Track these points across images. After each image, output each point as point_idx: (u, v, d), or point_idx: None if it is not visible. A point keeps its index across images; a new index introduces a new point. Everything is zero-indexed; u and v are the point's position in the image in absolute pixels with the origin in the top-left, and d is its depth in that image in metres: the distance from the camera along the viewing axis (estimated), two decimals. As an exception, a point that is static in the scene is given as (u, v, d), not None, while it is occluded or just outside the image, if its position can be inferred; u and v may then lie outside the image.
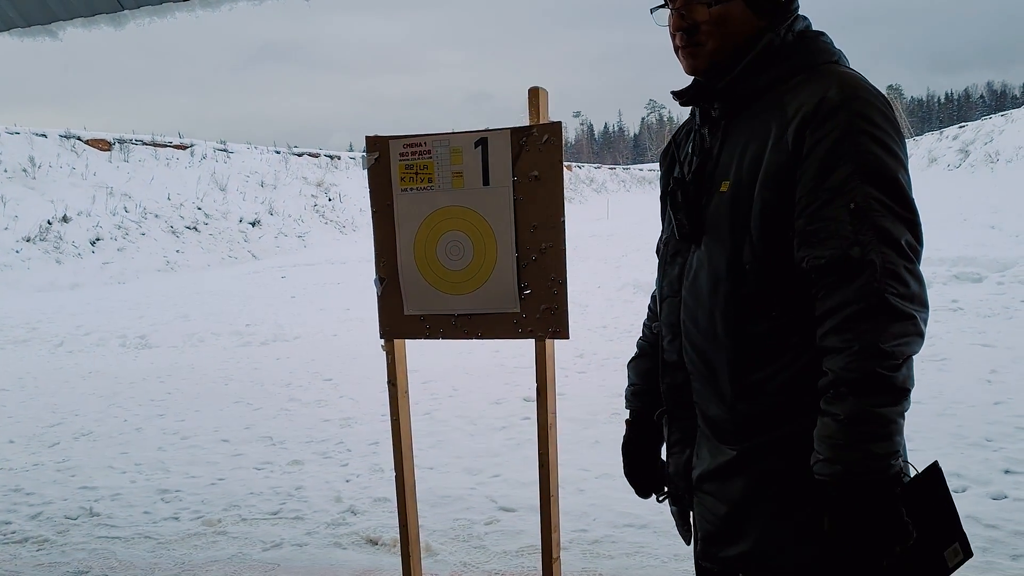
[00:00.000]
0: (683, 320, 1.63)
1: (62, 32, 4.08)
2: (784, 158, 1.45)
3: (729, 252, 1.52)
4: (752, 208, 1.48)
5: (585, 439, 5.17)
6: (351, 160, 36.32)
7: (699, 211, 1.59)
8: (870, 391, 1.34)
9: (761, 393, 1.52)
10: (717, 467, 1.60)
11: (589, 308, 10.40)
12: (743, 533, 1.56)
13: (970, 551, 1.50)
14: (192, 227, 25.19)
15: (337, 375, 7.88)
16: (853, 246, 1.37)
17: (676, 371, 1.68)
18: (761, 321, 1.50)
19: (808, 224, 1.42)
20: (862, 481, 1.35)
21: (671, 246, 1.69)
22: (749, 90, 1.55)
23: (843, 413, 1.35)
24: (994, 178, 32.59)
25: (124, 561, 3.78)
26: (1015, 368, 6.28)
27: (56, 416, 6.81)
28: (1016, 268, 10.27)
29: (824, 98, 1.43)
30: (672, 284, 1.67)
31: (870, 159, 1.40)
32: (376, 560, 3.67)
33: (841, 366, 1.36)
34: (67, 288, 18.42)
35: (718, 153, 1.58)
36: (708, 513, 1.63)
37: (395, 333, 2.53)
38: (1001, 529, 3.49)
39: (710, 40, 1.56)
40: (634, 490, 1.95)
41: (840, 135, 1.41)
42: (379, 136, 2.46)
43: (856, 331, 1.35)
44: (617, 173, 64.82)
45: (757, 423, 1.53)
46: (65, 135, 26.12)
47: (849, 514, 1.36)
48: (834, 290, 1.39)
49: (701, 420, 1.65)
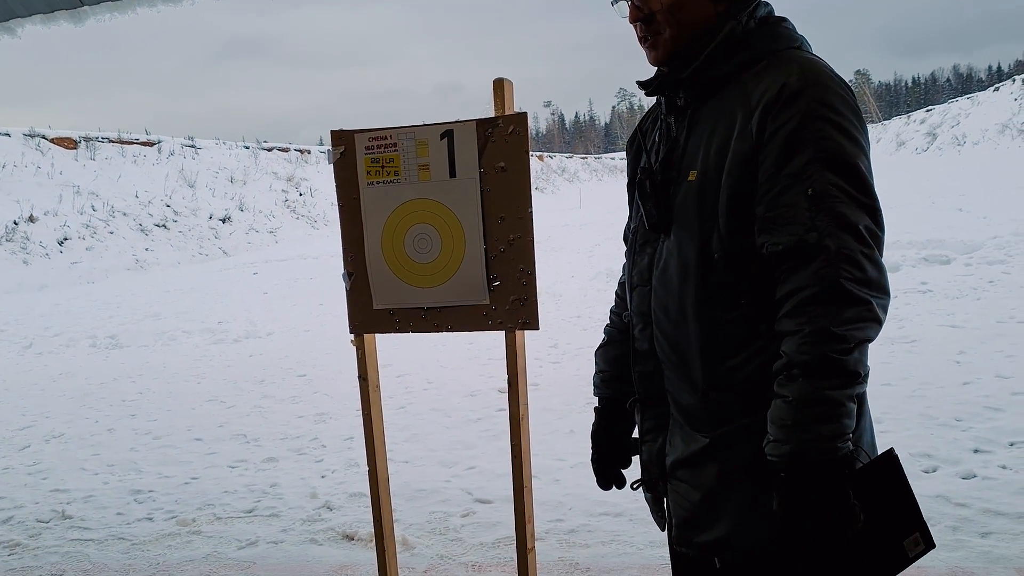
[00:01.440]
0: (653, 309, 1.64)
1: (21, 29, 4.02)
2: (748, 146, 1.46)
3: (698, 241, 1.52)
4: (719, 197, 1.49)
5: (560, 429, 5.18)
6: (321, 154, 36.09)
7: (667, 201, 1.59)
8: (820, 373, 1.35)
9: (732, 381, 1.53)
10: (690, 454, 1.61)
11: (563, 298, 10.42)
12: (717, 518, 1.57)
13: (932, 542, 1.49)
14: (161, 225, 24.92)
15: (311, 371, 7.84)
16: (810, 231, 1.38)
17: (647, 360, 1.69)
18: (730, 309, 1.51)
19: (767, 211, 1.43)
20: (809, 462, 1.36)
21: (640, 235, 1.69)
22: (713, 78, 1.55)
23: (792, 395, 1.37)
24: (961, 161, 33.00)
25: (98, 563, 3.74)
26: (983, 349, 6.37)
27: (26, 419, 6.72)
28: (984, 250, 10.41)
29: (785, 84, 1.44)
30: (642, 273, 1.67)
31: (829, 145, 1.40)
32: (352, 555, 3.66)
33: (793, 349, 1.38)
34: (35, 289, 18.17)
35: (685, 142, 1.59)
36: (682, 499, 1.64)
37: (365, 328, 2.52)
38: (970, 507, 3.54)
39: (667, 28, 1.56)
40: (598, 481, 1.97)
41: (800, 121, 1.41)
42: (344, 130, 2.44)
43: (809, 315, 1.37)
44: (589, 162, 64.86)
45: (728, 410, 1.54)
46: (29, 134, 25.73)
47: (797, 494, 1.38)
48: (791, 275, 1.40)
49: (674, 408, 1.66)
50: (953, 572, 3.05)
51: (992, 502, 3.60)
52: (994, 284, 8.90)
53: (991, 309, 7.79)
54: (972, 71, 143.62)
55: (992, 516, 3.48)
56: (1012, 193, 16.17)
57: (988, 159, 30.88)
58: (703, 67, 1.55)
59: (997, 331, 6.92)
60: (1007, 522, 3.42)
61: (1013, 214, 12.83)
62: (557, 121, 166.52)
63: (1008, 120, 38.77)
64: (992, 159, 30.69)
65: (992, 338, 6.67)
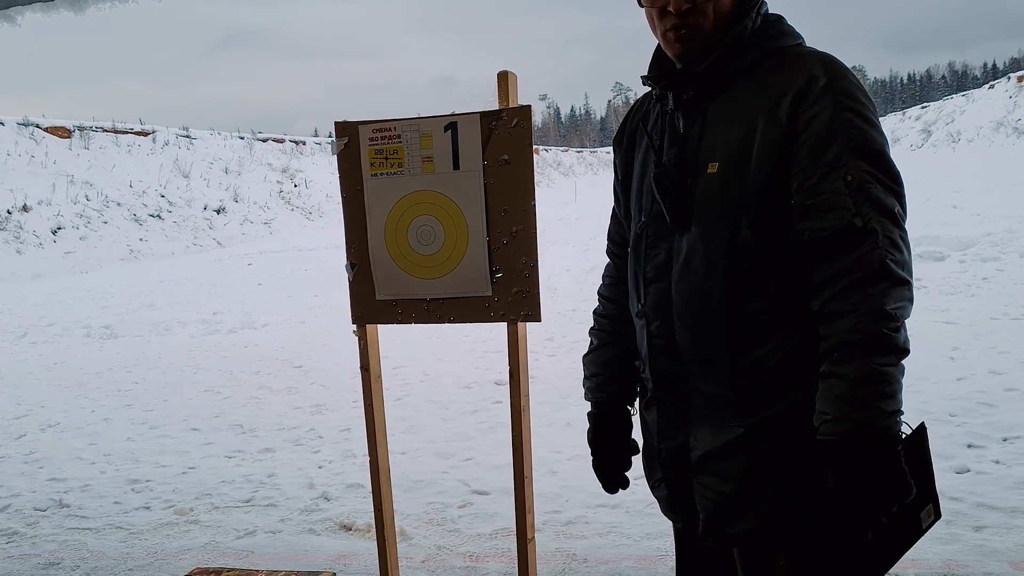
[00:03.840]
0: (675, 303, 1.62)
1: (20, 17, 4.01)
2: (778, 136, 1.49)
3: (726, 232, 1.53)
4: (747, 187, 1.51)
5: (557, 421, 5.20)
6: (317, 146, 35.99)
7: (685, 194, 1.59)
8: (877, 351, 1.40)
9: (762, 369, 1.54)
10: (720, 446, 1.60)
11: (559, 291, 10.44)
12: (749, 508, 1.58)
13: (940, 513, 1.55)
14: (155, 215, 24.86)
15: (307, 362, 7.85)
16: (856, 216, 1.43)
17: (666, 356, 1.67)
18: (759, 298, 1.53)
19: (808, 198, 1.47)
20: (872, 439, 1.40)
21: (651, 231, 1.67)
22: (727, 73, 1.57)
23: (852, 372, 1.40)
24: (956, 158, 33.05)
25: (96, 552, 3.75)
26: (977, 345, 6.41)
27: (21, 408, 6.72)
28: (978, 247, 10.45)
29: (812, 76, 1.49)
30: (659, 268, 1.65)
31: (858, 134, 1.46)
32: (350, 545, 3.67)
33: (847, 328, 1.41)
34: (29, 278, 18.13)
35: (699, 136, 1.59)
36: (711, 492, 1.62)
37: (367, 318, 2.53)
38: (964, 502, 3.57)
39: (705, 20, 1.56)
40: (603, 485, 1.96)
41: (830, 113, 1.46)
42: (348, 121, 2.45)
43: (862, 295, 1.41)
44: (584, 156, 64.85)
45: (759, 399, 1.55)
46: (23, 123, 25.62)
47: (860, 471, 1.41)
48: (837, 259, 1.44)
49: (699, 401, 1.63)
50: (947, 565, 3.08)
51: (985, 496, 3.63)
52: (988, 281, 8.94)
53: (985, 305, 7.84)
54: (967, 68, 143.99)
55: (985, 510, 3.51)
56: (1006, 190, 16.23)
57: (983, 156, 30.94)
58: (718, 62, 1.56)
59: (991, 327, 6.96)
60: (1000, 516, 3.45)
61: (1007, 211, 12.87)
62: (553, 115, 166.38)
63: (1003, 117, 38.82)
64: (987, 156, 30.75)
65: (986, 334, 6.71)
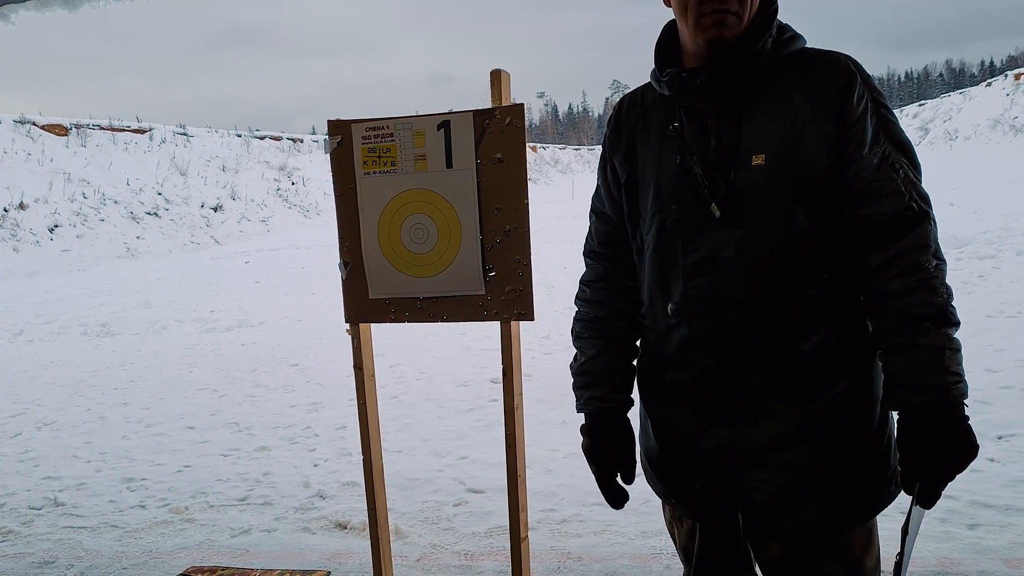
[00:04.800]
0: (727, 296, 1.59)
1: (14, 15, 3.99)
2: (830, 127, 1.54)
3: (782, 222, 1.55)
4: (800, 177, 1.54)
5: (552, 419, 5.20)
6: (314, 143, 35.97)
7: (732, 186, 1.57)
8: (946, 322, 1.47)
9: (819, 354, 1.56)
10: (778, 436, 1.58)
11: (555, 289, 10.42)
12: (812, 498, 1.58)
13: None
14: (152, 213, 24.84)
15: (303, 360, 7.84)
16: (911, 201, 1.52)
17: (712, 350, 1.62)
18: (814, 285, 1.56)
19: (866, 184, 1.53)
20: (957, 403, 1.46)
21: (688, 225, 1.62)
22: (766, 66, 1.58)
23: (931, 343, 1.47)
24: (953, 155, 33.09)
25: (91, 550, 3.75)
26: (972, 343, 6.38)
27: (17, 406, 6.72)
28: (974, 245, 10.47)
29: (851, 72, 1.56)
30: (701, 264, 1.60)
31: (891, 127, 1.56)
32: (345, 544, 3.67)
33: (917, 302, 1.48)
34: (25, 276, 18.11)
35: (733, 129, 1.58)
36: (769, 485, 1.60)
37: (360, 317, 2.52)
38: (959, 500, 3.57)
39: (744, 8, 1.56)
40: (609, 501, 1.89)
41: (870, 104, 1.55)
42: (341, 120, 2.44)
43: (925, 273, 1.49)
44: (582, 154, 64.81)
45: (819, 384, 1.57)
46: (20, 120, 25.59)
47: (948, 435, 1.46)
48: (896, 240, 1.51)
49: (749, 394, 1.60)
50: (941, 563, 3.08)
51: (980, 494, 3.63)
52: (984, 279, 8.95)
53: (981, 304, 7.84)
54: (964, 66, 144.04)
55: (980, 508, 3.51)
56: (1003, 188, 16.26)
57: (979, 154, 31.00)
58: (758, 55, 1.57)
59: (986, 325, 6.96)
60: (995, 514, 3.45)
61: (1003, 209, 12.90)
62: (550, 112, 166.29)
63: (1000, 115, 38.90)
64: (983, 154, 30.81)
65: (981, 332, 6.71)
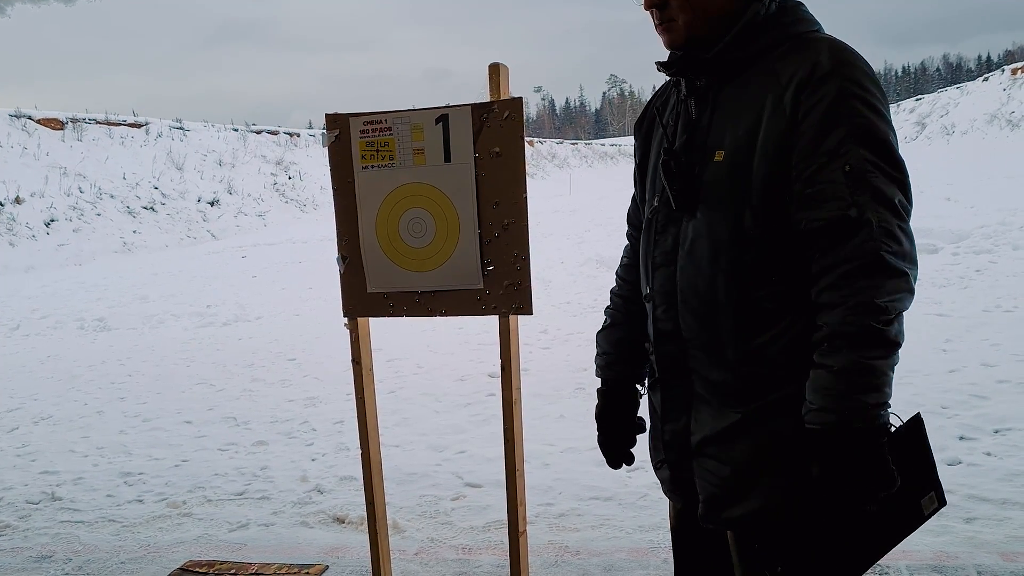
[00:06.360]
0: (680, 289, 1.64)
1: (10, 8, 3.99)
2: (782, 124, 1.49)
3: (731, 220, 1.54)
4: (752, 175, 1.51)
5: (550, 414, 5.20)
6: (311, 138, 35.89)
7: (693, 181, 1.60)
8: (865, 344, 1.40)
9: (763, 356, 1.56)
10: (720, 431, 1.62)
11: (552, 284, 10.43)
12: (749, 493, 1.59)
13: (944, 500, 1.57)
14: (149, 207, 24.77)
15: (300, 355, 7.84)
16: (851, 207, 1.42)
17: (671, 340, 1.68)
18: (762, 286, 1.54)
19: (806, 187, 1.47)
20: (854, 429, 1.41)
21: (661, 216, 1.68)
22: (738, 60, 1.57)
23: (838, 365, 1.41)
24: (950, 150, 33.12)
25: (88, 545, 3.75)
26: (969, 337, 6.42)
27: (14, 401, 6.70)
28: (971, 239, 10.48)
29: (816, 63, 1.47)
30: (666, 254, 1.66)
31: (862, 122, 1.45)
32: (343, 538, 3.67)
33: (837, 320, 1.42)
34: (21, 271, 18.06)
35: (708, 123, 1.60)
36: (711, 476, 1.65)
37: (358, 311, 2.52)
38: (955, 494, 3.58)
39: (681, 14, 1.58)
40: (607, 460, 1.97)
41: (833, 99, 1.45)
42: (339, 114, 2.44)
43: (853, 287, 1.41)
44: (579, 148, 64.75)
45: (760, 385, 1.57)
46: (15, 114, 25.48)
47: (840, 461, 1.42)
48: (831, 249, 1.44)
49: (701, 386, 1.65)
50: (938, 557, 3.09)
51: (977, 488, 3.64)
52: (981, 273, 8.97)
53: (977, 298, 7.86)
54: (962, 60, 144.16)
55: (976, 502, 3.52)
56: (1000, 183, 16.28)
57: (977, 149, 31.01)
58: (729, 49, 1.57)
59: (983, 320, 6.98)
60: (991, 508, 3.46)
61: (1000, 204, 12.91)
62: (547, 107, 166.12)
63: (997, 110, 38.90)
64: (981, 149, 30.82)
65: (978, 327, 6.73)
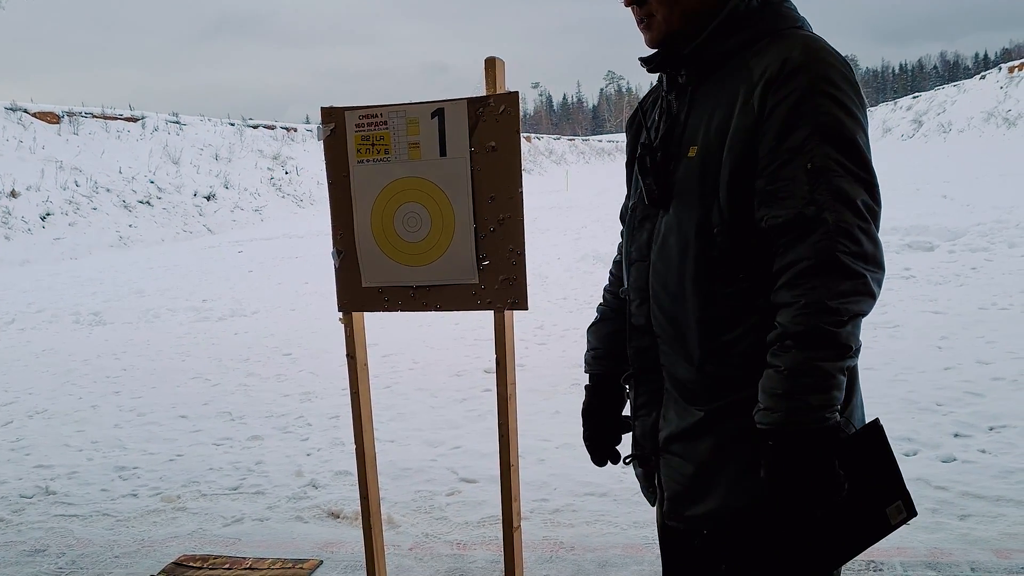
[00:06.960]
0: (652, 284, 1.64)
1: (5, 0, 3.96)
2: (749, 121, 1.47)
3: (698, 216, 1.53)
4: (720, 172, 1.50)
5: (545, 410, 5.20)
6: (307, 132, 35.85)
7: (667, 176, 1.60)
8: (813, 345, 1.37)
9: (729, 355, 1.54)
10: (685, 428, 1.62)
11: (549, 280, 10.43)
12: (710, 491, 1.59)
13: (914, 510, 1.52)
14: (145, 201, 24.72)
15: (296, 349, 7.83)
16: (809, 205, 1.40)
17: (644, 335, 1.69)
18: (729, 284, 1.52)
19: (767, 184, 1.45)
20: (797, 431, 1.38)
21: (639, 211, 1.69)
22: (715, 56, 1.56)
23: (784, 365, 1.39)
24: (946, 148, 33.17)
25: (82, 539, 3.74)
26: (964, 334, 6.43)
27: (9, 395, 6.69)
28: (967, 237, 10.49)
29: (787, 59, 1.45)
30: (641, 249, 1.67)
31: (829, 120, 1.42)
32: (338, 533, 3.67)
33: (788, 320, 1.40)
34: (17, 264, 18.02)
35: (685, 119, 1.59)
36: (675, 473, 1.65)
37: (353, 306, 2.51)
38: (950, 491, 3.59)
39: (659, 11, 1.58)
40: (592, 457, 1.95)
41: (800, 96, 1.43)
42: (334, 107, 2.43)
43: (805, 287, 1.39)
44: (576, 144, 64.78)
45: (725, 384, 1.56)
46: (11, 108, 25.43)
47: (784, 462, 1.40)
48: (789, 248, 1.42)
49: (669, 382, 1.66)
50: (932, 553, 3.09)
51: (971, 485, 3.65)
52: (976, 271, 8.98)
53: (973, 295, 7.86)
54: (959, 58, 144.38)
55: (971, 499, 3.53)
56: (996, 181, 16.31)
57: (973, 147, 31.06)
58: (705, 45, 1.56)
59: (978, 317, 6.98)
60: (985, 505, 3.47)
61: (996, 202, 12.93)
62: (545, 103, 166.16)
63: (993, 108, 38.97)
64: (977, 147, 30.88)
65: (973, 324, 6.74)
